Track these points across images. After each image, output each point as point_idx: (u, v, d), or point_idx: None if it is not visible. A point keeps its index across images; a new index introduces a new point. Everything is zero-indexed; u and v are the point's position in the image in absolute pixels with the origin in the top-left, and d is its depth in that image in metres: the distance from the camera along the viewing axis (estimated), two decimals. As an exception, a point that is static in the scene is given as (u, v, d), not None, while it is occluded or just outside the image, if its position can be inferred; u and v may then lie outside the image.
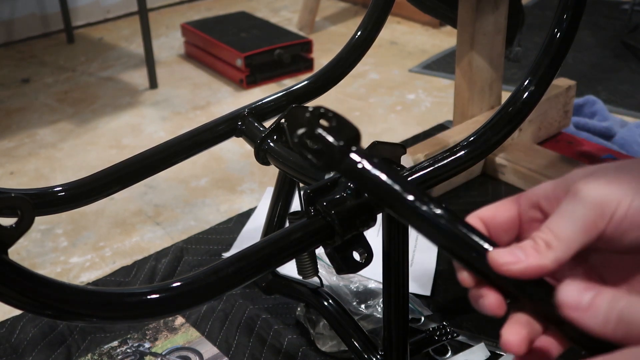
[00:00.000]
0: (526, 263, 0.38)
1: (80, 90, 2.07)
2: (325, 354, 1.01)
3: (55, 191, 0.81)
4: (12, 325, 1.10)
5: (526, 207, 0.44)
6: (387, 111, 1.88)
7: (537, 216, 0.43)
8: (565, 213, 0.40)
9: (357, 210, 0.65)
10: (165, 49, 2.37)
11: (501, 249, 0.40)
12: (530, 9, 2.57)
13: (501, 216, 0.44)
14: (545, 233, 0.39)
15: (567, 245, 0.39)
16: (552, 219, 0.40)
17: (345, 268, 0.67)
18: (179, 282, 0.56)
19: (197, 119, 1.87)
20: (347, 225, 0.64)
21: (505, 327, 0.39)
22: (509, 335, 0.38)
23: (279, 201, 0.99)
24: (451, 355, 1.00)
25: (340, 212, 0.64)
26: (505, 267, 0.39)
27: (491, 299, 0.40)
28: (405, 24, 2.55)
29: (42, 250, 1.33)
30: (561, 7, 0.92)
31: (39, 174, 1.62)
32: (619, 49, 2.21)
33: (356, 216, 0.65)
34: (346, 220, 0.64)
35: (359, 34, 1.04)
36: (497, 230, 0.44)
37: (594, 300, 0.36)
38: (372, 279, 1.10)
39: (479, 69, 1.44)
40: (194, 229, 1.37)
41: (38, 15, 2.50)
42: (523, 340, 0.38)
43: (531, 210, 0.43)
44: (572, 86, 1.56)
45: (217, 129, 0.92)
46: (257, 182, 1.54)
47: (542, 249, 0.39)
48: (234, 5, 2.79)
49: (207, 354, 1.03)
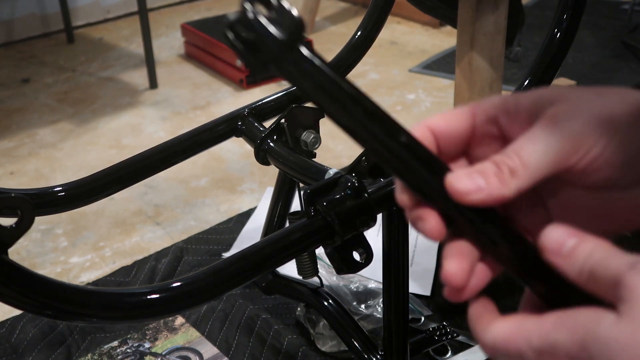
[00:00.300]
0: (487, 192, 0.35)
1: (80, 90, 2.07)
2: (325, 354, 1.01)
3: (55, 191, 0.81)
4: (12, 325, 1.10)
5: (482, 120, 0.39)
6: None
7: (493, 131, 0.39)
8: (538, 139, 0.36)
9: (357, 210, 0.65)
10: (165, 49, 2.37)
11: (460, 174, 0.35)
12: (530, 9, 2.57)
13: (454, 127, 0.39)
14: (512, 158, 0.35)
15: (533, 174, 0.35)
16: (521, 143, 0.36)
17: (345, 268, 0.67)
18: (179, 282, 0.56)
19: (197, 119, 1.87)
20: (347, 225, 0.64)
21: (446, 258, 0.36)
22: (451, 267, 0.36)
23: (279, 201, 0.99)
24: (451, 355, 1.00)
25: (340, 212, 0.64)
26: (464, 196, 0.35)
27: (432, 223, 0.36)
28: (405, 24, 2.55)
29: (42, 250, 1.33)
30: (561, 7, 0.92)
31: (39, 174, 1.62)
32: (619, 49, 2.21)
33: (356, 216, 0.65)
34: (346, 220, 0.64)
35: (359, 34, 1.04)
36: (448, 142, 0.39)
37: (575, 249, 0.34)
38: (372, 279, 1.10)
39: (479, 69, 1.44)
40: (194, 229, 1.37)
41: (38, 15, 2.50)
42: (465, 271, 0.36)
43: (487, 124, 0.39)
44: (572, 86, 1.56)
45: (217, 129, 0.92)
46: (257, 182, 1.54)
47: (506, 177, 0.35)
48: (234, 5, 2.79)
49: (207, 354, 1.03)
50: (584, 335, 0.31)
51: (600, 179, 0.37)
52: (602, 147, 0.36)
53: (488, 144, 0.39)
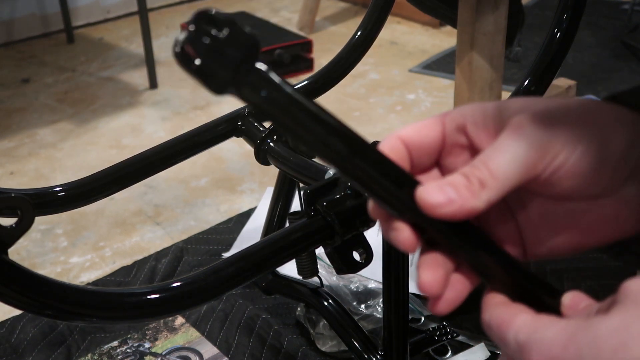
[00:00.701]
0: (458, 204, 0.35)
1: (80, 90, 2.07)
2: (325, 354, 1.01)
3: (55, 191, 0.81)
4: (12, 325, 1.10)
5: (451, 129, 0.39)
6: (387, 111, 1.88)
7: (462, 141, 0.39)
8: (505, 149, 0.35)
9: (357, 210, 0.65)
10: (165, 49, 2.37)
11: (431, 187, 0.35)
12: (530, 9, 2.57)
13: (425, 137, 0.39)
14: (481, 170, 0.35)
15: (502, 185, 0.35)
16: (488, 153, 0.36)
17: (345, 268, 0.67)
18: (179, 282, 0.56)
19: (197, 119, 1.87)
20: (347, 225, 0.64)
21: (421, 268, 0.36)
22: (426, 276, 0.36)
23: (279, 201, 0.99)
24: (451, 355, 1.00)
25: (340, 212, 0.64)
26: (436, 210, 0.35)
27: (405, 235, 0.36)
28: (405, 24, 2.55)
29: (42, 250, 1.33)
30: (561, 7, 0.92)
31: (39, 174, 1.62)
32: (619, 49, 2.21)
33: (356, 216, 0.65)
34: (346, 220, 0.64)
35: (359, 34, 1.04)
36: (420, 153, 0.39)
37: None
38: (372, 279, 1.10)
39: (479, 69, 1.44)
40: (194, 229, 1.37)
41: (38, 15, 2.50)
42: (440, 281, 0.36)
43: (456, 133, 0.39)
44: (572, 86, 1.56)
45: (217, 129, 0.92)
46: (257, 182, 1.54)
47: (476, 189, 0.35)
48: (234, 5, 2.79)
49: (207, 354, 1.03)
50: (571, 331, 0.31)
51: (566, 188, 0.37)
52: (566, 155, 0.36)
53: (458, 153, 0.39)
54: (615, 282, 0.32)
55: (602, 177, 0.37)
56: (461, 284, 0.37)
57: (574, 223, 0.39)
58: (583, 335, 0.31)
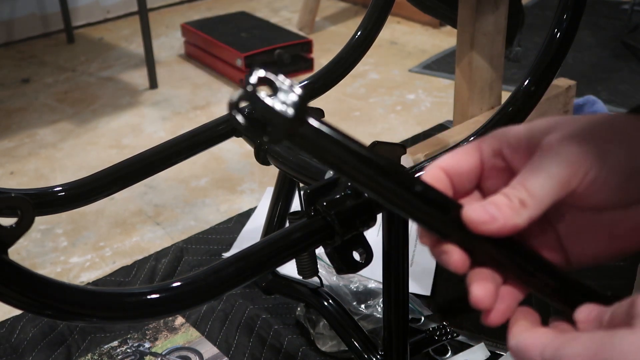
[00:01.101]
0: (502, 222, 0.38)
1: (80, 90, 2.07)
2: (325, 354, 1.01)
3: (55, 191, 0.81)
4: (12, 325, 1.10)
5: (488, 155, 0.42)
6: (387, 111, 1.88)
7: (499, 164, 0.42)
8: (540, 170, 0.39)
9: (357, 210, 0.65)
10: (165, 49, 2.37)
11: (475, 206, 0.39)
12: (530, 9, 2.57)
13: (464, 164, 0.42)
14: (519, 190, 0.38)
15: (540, 203, 0.38)
16: (525, 175, 0.39)
17: (345, 268, 0.67)
18: (179, 282, 0.56)
19: (197, 119, 1.87)
20: (347, 225, 0.64)
21: (472, 284, 0.39)
22: (478, 292, 0.38)
23: (279, 201, 0.99)
24: (451, 355, 1.00)
25: (340, 212, 0.64)
26: (482, 227, 0.38)
27: (456, 256, 0.39)
28: (405, 24, 2.55)
29: (42, 250, 1.33)
30: (561, 7, 0.92)
31: (39, 174, 1.62)
32: (619, 49, 2.21)
33: (356, 216, 0.65)
34: (346, 220, 0.64)
35: (359, 34, 1.04)
36: (460, 179, 0.42)
37: None
38: (372, 279, 1.10)
39: (479, 69, 1.44)
40: (194, 229, 1.37)
41: (38, 15, 2.50)
42: (491, 294, 0.39)
43: (493, 157, 0.42)
44: (572, 86, 1.56)
45: (217, 129, 0.92)
46: (257, 182, 1.54)
47: (517, 208, 0.38)
48: (234, 5, 2.79)
49: (207, 354, 1.03)
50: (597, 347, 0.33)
51: (600, 199, 0.40)
52: (596, 170, 0.38)
53: (497, 176, 0.42)
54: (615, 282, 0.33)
55: (633, 187, 0.39)
56: (511, 295, 0.40)
57: (612, 231, 0.41)
58: (609, 350, 0.32)
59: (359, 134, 1.75)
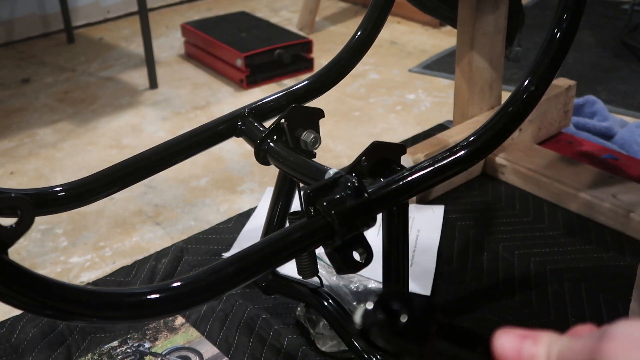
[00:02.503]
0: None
1: (80, 90, 2.07)
2: (325, 354, 1.01)
3: (55, 191, 0.81)
4: (12, 325, 1.10)
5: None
6: (387, 111, 1.88)
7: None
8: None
9: (357, 210, 0.65)
10: (165, 49, 2.37)
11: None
12: (530, 9, 2.57)
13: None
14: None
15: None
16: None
17: (345, 268, 0.67)
18: (179, 282, 0.56)
19: (197, 119, 1.87)
20: (347, 225, 0.64)
21: None
22: None
23: (279, 201, 0.99)
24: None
25: (340, 212, 0.64)
26: None
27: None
28: (405, 24, 2.55)
29: (42, 250, 1.33)
30: (561, 7, 0.92)
31: (39, 174, 1.62)
32: (619, 49, 2.21)
33: (356, 216, 0.65)
34: (346, 220, 0.64)
35: (359, 34, 1.04)
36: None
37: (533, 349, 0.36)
38: (372, 279, 1.10)
39: (479, 69, 1.44)
40: (194, 229, 1.38)
41: (38, 15, 2.50)
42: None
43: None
44: (572, 86, 1.56)
45: (217, 129, 0.92)
46: (257, 182, 1.54)
47: None
48: (234, 5, 2.79)
49: (207, 354, 1.03)
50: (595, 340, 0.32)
51: None
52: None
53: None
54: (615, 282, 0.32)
55: None
56: None
57: None
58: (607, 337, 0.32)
59: (359, 134, 1.76)
